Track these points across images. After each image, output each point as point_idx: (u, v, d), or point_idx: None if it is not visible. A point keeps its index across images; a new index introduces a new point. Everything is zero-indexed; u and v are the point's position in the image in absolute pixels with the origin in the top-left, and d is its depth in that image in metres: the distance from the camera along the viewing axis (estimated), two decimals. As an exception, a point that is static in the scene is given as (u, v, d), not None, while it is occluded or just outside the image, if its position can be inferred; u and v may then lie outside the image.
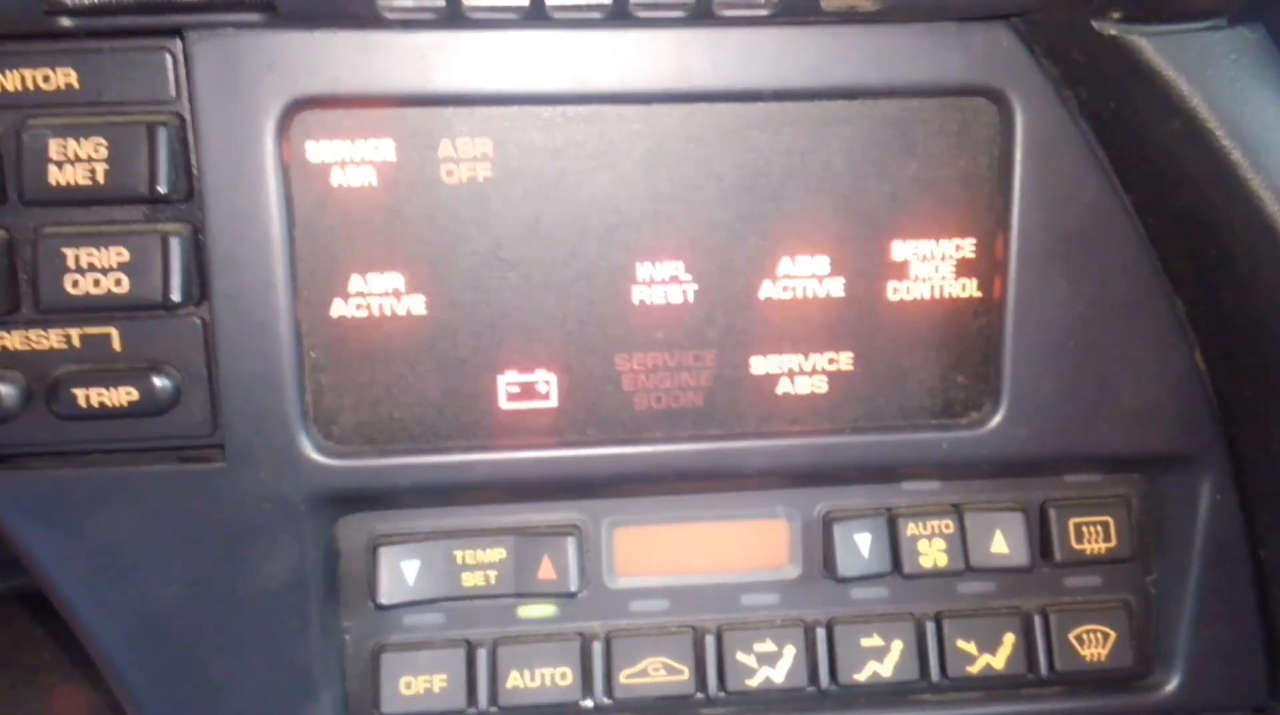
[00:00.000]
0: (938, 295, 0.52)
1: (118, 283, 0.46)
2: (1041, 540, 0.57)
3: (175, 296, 0.46)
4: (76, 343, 0.47)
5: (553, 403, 0.52)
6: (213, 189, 0.47)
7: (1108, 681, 0.58)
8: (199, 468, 0.49)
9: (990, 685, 0.57)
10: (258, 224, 0.47)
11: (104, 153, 0.45)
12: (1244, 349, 0.49)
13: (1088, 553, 0.57)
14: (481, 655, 0.55)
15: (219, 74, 0.46)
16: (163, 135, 0.46)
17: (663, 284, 0.51)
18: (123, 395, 0.47)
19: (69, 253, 0.46)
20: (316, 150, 0.48)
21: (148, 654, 0.51)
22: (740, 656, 0.56)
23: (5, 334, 0.47)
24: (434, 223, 0.49)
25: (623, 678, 0.55)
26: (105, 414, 0.47)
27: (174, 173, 0.46)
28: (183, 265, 0.46)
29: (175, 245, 0.46)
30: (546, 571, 0.55)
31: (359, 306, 0.50)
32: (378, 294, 0.50)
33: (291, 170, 0.48)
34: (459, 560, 0.54)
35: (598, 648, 0.55)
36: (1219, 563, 0.56)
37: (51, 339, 0.47)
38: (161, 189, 0.46)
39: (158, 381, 0.47)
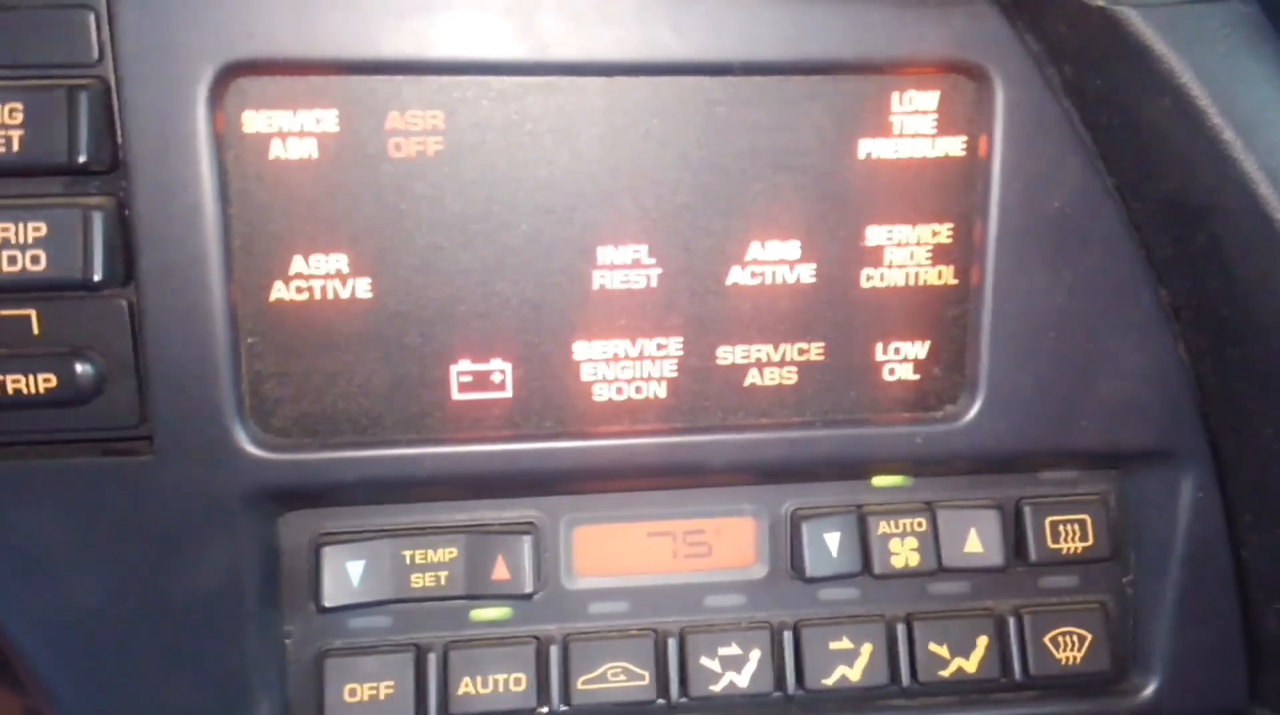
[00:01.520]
0: (913, 282, 0.50)
1: (35, 260, 0.43)
2: (1016, 539, 0.55)
3: (97, 276, 0.43)
4: None
5: (507, 393, 0.49)
6: (139, 160, 0.43)
7: (1084, 685, 0.56)
8: (125, 461, 0.46)
9: (962, 689, 0.55)
10: (188, 199, 0.44)
11: (19, 119, 0.42)
12: (1230, 340, 0.47)
13: (1064, 552, 0.55)
14: (431, 660, 0.52)
15: (146, 35, 0.42)
16: (84, 100, 0.42)
17: (624, 268, 0.48)
18: (41, 382, 0.43)
19: None
20: (253, 120, 0.45)
21: (72, 660, 0.48)
22: (704, 661, 0.53)
23: None
24: (380, 200, 0.46)
25: (580, 684, 0.52)
26: (22, 402, 0.44)
27: (97, 142, 0.43)
28: (106, 242, 0.43)
29: (98, 220, 0.43)
30: (500, 572, 0.52)
31: (299, 289, 0.47)
32: (319, 276, 0.47)
33: (225, 141, 0.44)
34: (408, 560, 0.51)
35: (554, 652, 0.53)
36: (1199, 563, 0.54)
37: None
38: (82, 159, 0.42)
39: (79, 367, 0.44)
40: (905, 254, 0.50)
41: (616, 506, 0.53)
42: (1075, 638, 0.55)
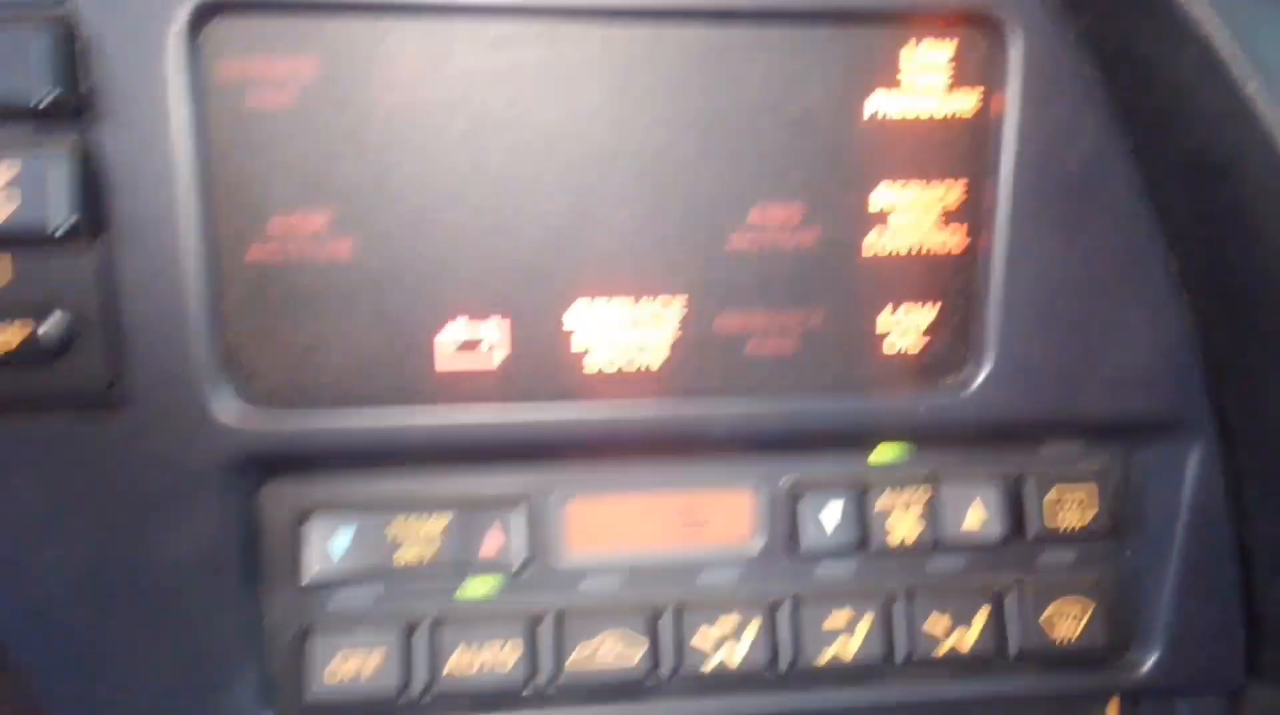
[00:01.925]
0: (919, 247, 0.49)
1: None
2: (1017, 513, 0.53)
3: (63, 226, 0.40)
4: None
5: (498, 357, 0.47)
6: (110, 105, 0.41)
7: (1082, 659, 0.55)
8: (95, 424, 0.43)
9: (960, 664, 0.54)
10: (162, 148, 0.41)
11: None
12: (1244, 308, 0.45)
13: (1065, 527, 0.54)
14: (418, 636, 0.50)
15: None
16: (49, 40, 0.39)
17: (621, 229, 0.46)
18: (5, 338, 0.41)
19: None
20: (228, 66, 0.42)
21: (41, 637, 0.46)
22: (698, 636, 0.52)
23: None
24: (364, 154, 0.44)
25: (571, 659, 0.51)
26: None
27: (64, 84, 0.40)
28: (73, 190, 0.41)
29: (65, 167, 0.40)
30: (490, 547, 0.50)
31: (280, 247, 0.44)
32: (301, 233, 0.44)
33: (200, 89, 0.42)
34: (394, 534, 0.49)
35: (545, 628, 0.51)
36: (1201, 539, 0.53)
37: None
38: (47, 101, 0.40)
39: (46, 323, 0.41)
40: (912, 217, 0.48)
41: (610, 479, 0.52)
42: (1075, 612, 0.54)
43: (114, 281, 0.42)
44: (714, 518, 0.53)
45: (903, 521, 0.53)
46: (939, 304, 0.49)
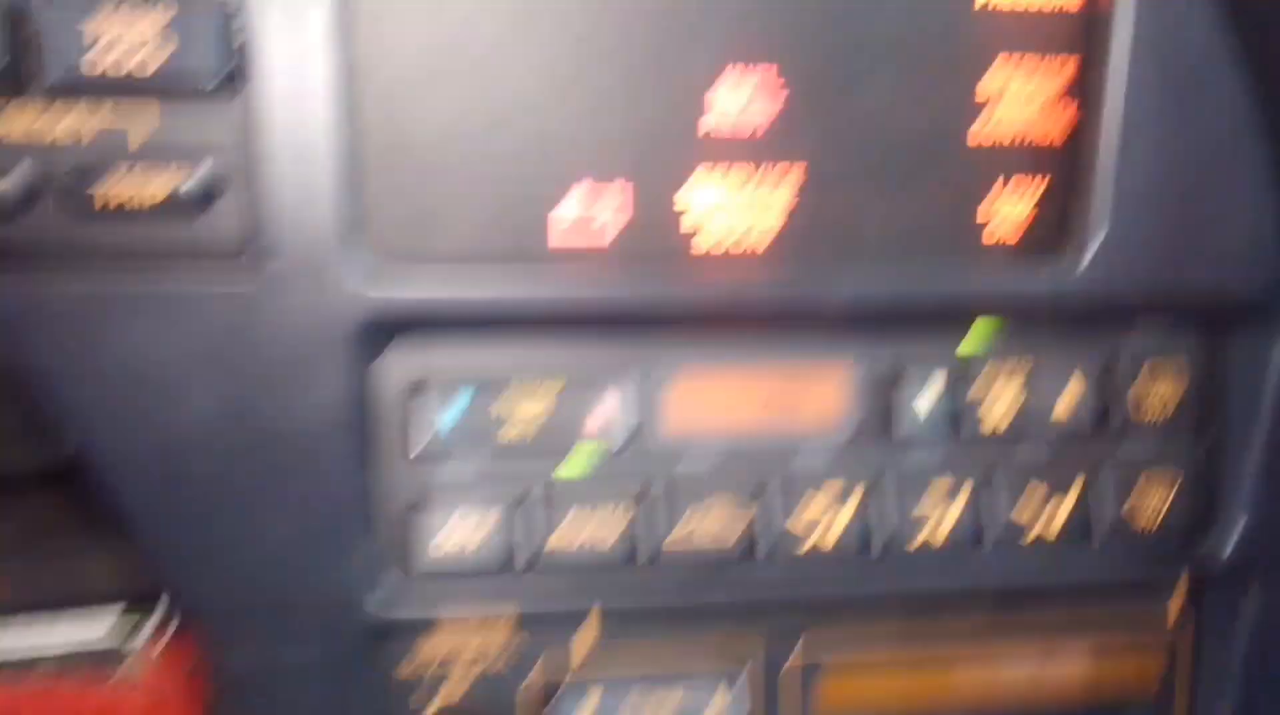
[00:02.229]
0: (1024, 129, 0.49)
1: (143, 59, 0.40)
2: (1106, 399, 0.54)
3: (216, 78, 0.41)
4: (94, 129, 0.41)
5: (615, 226, 0.48)
6: None
7: (1163, 544, 0.56)
8: (230, 282, 0.44)
9: (1045, 551, 0.55)
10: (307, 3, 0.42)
11: None
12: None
13: (1152, 413, 0.55)
14: (521, 511, 0.51)
15: None
16: None
17: (746, 96, 0.47)
18: (147, 192, 0.41)
19: (86, 22, 0.40)
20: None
21: (159, 496, 0.46)
22: (791, 518, 0.53)
23: (10, 118, 0.41)
24: (497, 19, 0.44)
25: (670, 538, 0.52)
26: (126, 214, 0.42)
27: None
28: (225, 42, 0.41)
29: (218, 17, 0.41)
30: (594, 422, 0.51)
31: (415, 110, 0.45)
32: (435, 99, 0.45)
33: None
34: (501, 407, 0.50)
35: (645, 505, 0.52)
36: None
37: (64, 124, 0.41)
38: None
39: (188, 178, 0.42)
40: (1020, 103, 0.49)
41: (711, 360, 0.52)
42: (1159, 497, 0.55)
43: (256, 136, 0.42)
44: (809, 400, 0.54)
45: (997, 406, 0.53)
46: (1043, 185, 0.50)
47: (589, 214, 0.47)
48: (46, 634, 0.54)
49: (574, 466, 0.52)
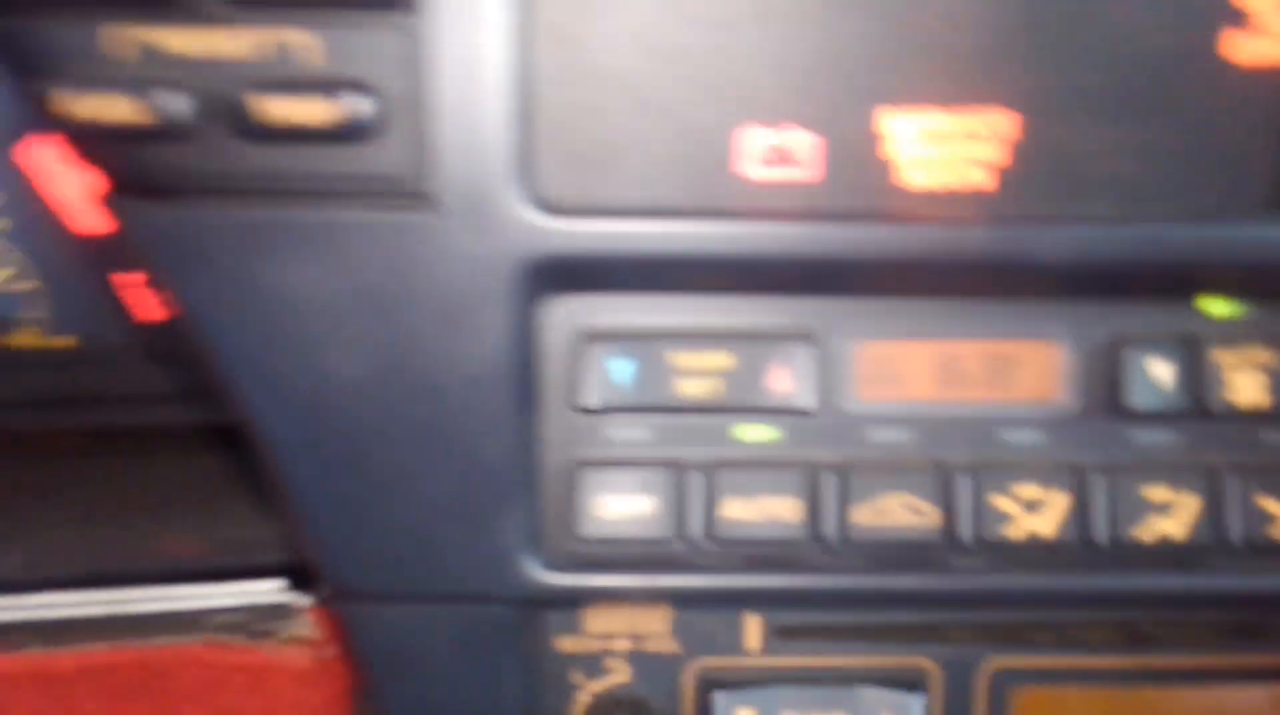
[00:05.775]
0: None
1: None
2: None
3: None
4: (266, 47, 0.39)
5: (804, 169, 0.43)
6: None
7: None
8: (397, 216, 0.42)
9: None
10: None
11: None
12: None
13: None
14: (696, 478, 0.47)
15: None
16: None
17: (950, 19, 0.41)
18: (318, 111, 0.39)
19: None
20: None
21: (315, 443, 0.44)
22: (999, 501, 0.47)
23: (178, 36, 0.39)
24: None
25: (857, 515, 0.47)
26: (295, 135, 0.39)
27: None
28: None
29: None
30: (776, 384, 0.46)
31: (589, 44, 0.41)
32: (608, 31, 0.41)
33: None
34: (676, 364, 0.46)
35: (829, 479, 0.47)
36: None
37: (235, 43, 0.39)
38: None
39: (360, 99, 0.39)
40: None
41: (905, 321, 0.47)
42: None
43: (429, 61, 0.40)
44: (1019, 371, 0.48)
45: (1242, 383, 0.46)
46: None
47: (783, 149, 0.43)
48: (214, 591, 0.53)
49: (755, 430, 0.47)
